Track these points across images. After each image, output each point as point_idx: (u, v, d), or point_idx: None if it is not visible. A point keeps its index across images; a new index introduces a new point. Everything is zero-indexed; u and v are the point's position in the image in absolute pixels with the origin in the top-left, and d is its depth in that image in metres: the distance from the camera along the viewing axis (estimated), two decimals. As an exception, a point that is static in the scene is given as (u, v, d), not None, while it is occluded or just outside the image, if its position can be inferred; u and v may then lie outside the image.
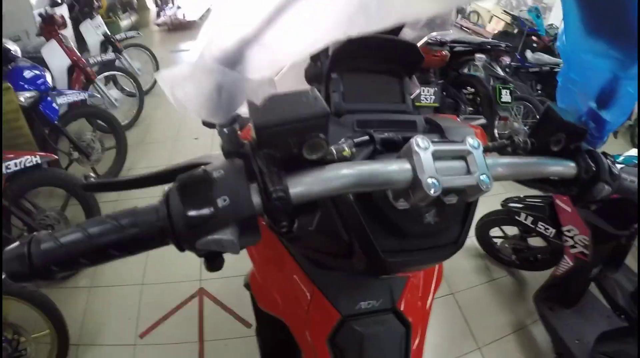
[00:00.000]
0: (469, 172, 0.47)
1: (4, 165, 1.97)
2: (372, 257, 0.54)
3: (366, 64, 0.76)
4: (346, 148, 0.46)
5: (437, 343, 1.88)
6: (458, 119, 1.00)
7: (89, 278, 2.23)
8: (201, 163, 0.44)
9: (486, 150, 0.62)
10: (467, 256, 2.34)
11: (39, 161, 2.05)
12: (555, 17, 6.68)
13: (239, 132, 0.44)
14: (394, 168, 0.44)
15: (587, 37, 0.57)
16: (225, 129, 0.43)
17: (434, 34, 1.00)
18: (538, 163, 0.57)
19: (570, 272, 1.69)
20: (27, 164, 2.02)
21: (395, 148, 0.60)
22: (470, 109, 3.27)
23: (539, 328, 1.88)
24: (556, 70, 3.88)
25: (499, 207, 2.06)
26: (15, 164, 2.00)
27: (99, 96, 3.27)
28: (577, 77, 0.61)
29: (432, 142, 0.47)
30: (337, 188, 0.42)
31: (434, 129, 0.73)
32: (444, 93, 3.31)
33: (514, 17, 5.31)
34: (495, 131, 3.51)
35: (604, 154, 0.60)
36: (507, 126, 3.52)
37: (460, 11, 7.52)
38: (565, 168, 0.58)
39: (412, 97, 1.14)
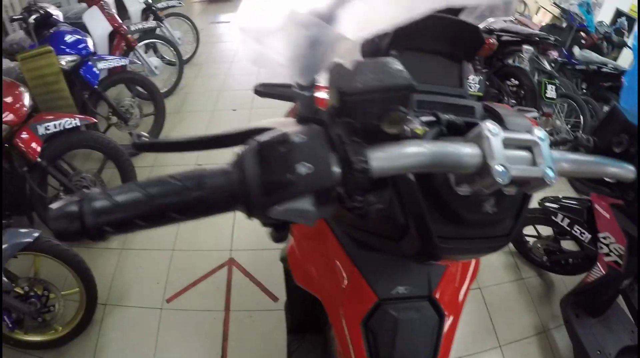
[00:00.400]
0: (534, 163, 0.45)
1: (43, 126, 2.03)
2: (426, 241, 0.52)
3: (426, 44, 0.73)
4: (419, 126, 0.45)
5: (458, 336, 1.86)
6: (513, 110, 0.97)
7: (121, 240, 2.29)
8: (269, 128, 0.42)
9: (554, 144, 0.61)
10: (498, 252, 2.30)
11: (78, 124, 2.10)
12: (605, 14, 6.35)
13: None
14: (466, 150, 0.42)
15: None
16: (305, 92, 0.41)
17: (492, 19, 0.96)
18: (599, 163, 0.55)
19: (601, 280, 1.64)
20: (67, 126, 2.08)
21: (458, 132, 0.58)
22: (514, 101, 3.17)
23: (561, 333, 1.85)
24: (604, 70, 3.71)
25: (536, 205, 2.01)
26: (55, 126, 2.05)
27: (139, 62, 3.30)
28: None
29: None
30: (413, 165, 0.40)
31: (492, 117, 0.71)
32: (488, 83, 3.21)
33: (563, 11, 5.06)
34: (536, 127, 3.40)
35: None
36: (549, 123, 3.41)
37: (507, 1, 7.22)
38: (624, 170, 0.56)
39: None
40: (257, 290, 1.99)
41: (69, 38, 2.66)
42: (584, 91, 3.99)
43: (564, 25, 4.79)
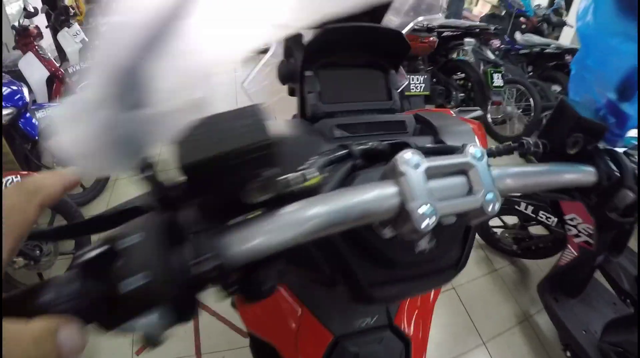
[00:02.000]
0: (471, 191, 0.39)
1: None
2: (356, 291, 0.47)
3: (346, 58, 0.68)
4: (313, 174, 0.37)
5: (440, 340, 1.82)
6: (452, 113, 0.93)
7: None
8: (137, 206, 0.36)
9: (489, 155, 0.54)
10: (467, 247, 2.29)
11: (20, 180, 1.96)
12: (542, -3, 6.61)
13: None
14: (374, 195, 0.36)
15: (618, 18, 0.49)
16: (143, 176, 0.31)
17: (421, 18, 0.93)
18: (553, 171, 0.49)
19: (575, 262, 1.63)
20: (8, 185, 1.94)
21: (383, 157, 0.53)
22: (462, 95, 3.20)
23: (544, 318, 1.82)
24: (547, 51, 3.80)
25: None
26: None
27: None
28: (595, 65, 0.53)
29: (425, 155, 0.40)
30: (298, 235, 0.33)
31: (426, 130, 0.65)
32: (434, 80, 3.24)
33: (501, -1, 5.22)
34: (489, 116, 3.45)
35: (627, 154, 0.52)
36: (500, 110, 3.46)
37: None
38: (583, 174, 0.49)
39: (400, 88, 1.07)
40: (226, 329, 1.91)
41: (2, 91, 2.50)
42: (531, 73, 4.09)
43: (503, 13, 4.92)
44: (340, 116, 0.65)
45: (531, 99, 3.17)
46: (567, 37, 5.56)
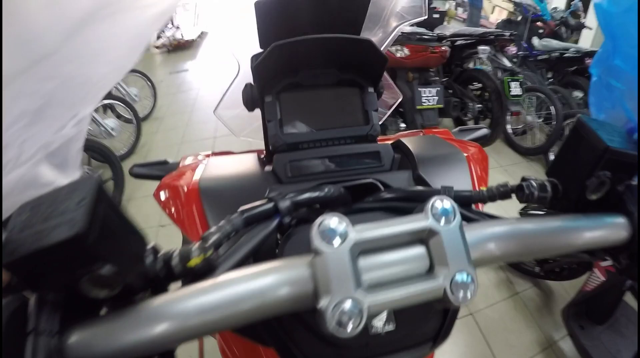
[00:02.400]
0: (431, 269, 0.30)
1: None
2: None
3: (312, 77, 0.60)
4: (196, 254, 0.30)
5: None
6: (451, 133, 0.83)
7: None
8: None
9: (477, 200, 0.43)
10: (486, 269, 2.14)
11: None
12: (558, 0, 6.40)
13: None
14: (275, 281, 0.28)
15: None
16: None
17: (406, 23, 0.85)
18: (567, 228, 0.35)
19: (602, 287, 1.48)
20: None
21: (336, 204, 0.45)
22: (479, 106, 3.08)
23: (569, 343, 1.67)
24: (566, 55, 3.65)
25: (517, 214, 1.88)
26: None
27: (90, 128, 3.20)
28: (626, 64, 0.36)
29: (387, 202, 0.32)
30: (149, 342, 0.26)
31: (405, 161, 0.56)
32: (450, 91, 3.13)
33: (516, 4, 5.05)
34: (509, 126, 3.32)
35: None
36: (520, 121, 3.32)
37: (461, 4, 7.30)
38: (611, 229, 0.36)
39: (394, 106, 0.96)
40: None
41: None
42: (551, 80, 3.93)
43: (519, 18, 4.78)
44: (306, 147, 0.57)
45: (552, 107, 3.02)
46: (586, 40, 5.38)
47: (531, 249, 0.35)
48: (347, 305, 0.26)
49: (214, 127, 3.81)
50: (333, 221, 0.28)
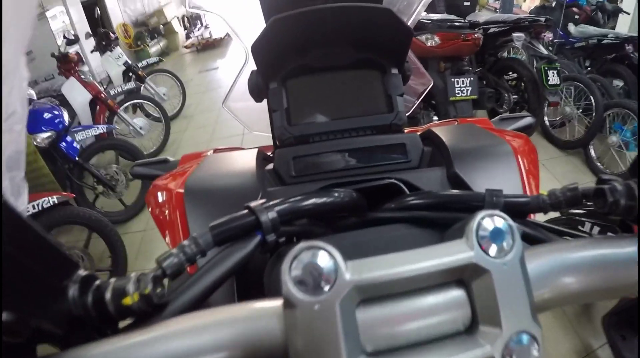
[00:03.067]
0: (473, 326, 0.21)
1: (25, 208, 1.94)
2: None
3: (323, 57, 0.51)
4: (132, 289, 0.22)
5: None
6: (491, 122, 0.73)
7: None
8: None
9: (537, 210, 0.32)
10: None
11: (55, 201, 2.07)
12: (595, -16, 6.14)
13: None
14: (220, 337, 0.20)
15: None
16: None
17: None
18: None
19: (647, 295, 1.37)
20: (44, 206, 2.05)
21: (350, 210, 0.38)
22: (515, 97, 2.94)
23: (608, 351, 1.55)
24: (605, 42, 3.45)
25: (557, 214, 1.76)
26: (33, 207, 2.04)
27: (118, 127, 3.29)
28: None
29: (412, 211, 0.28)
30: None
31: (438, 156, 0.47)
32: (484, 82, 3.00)
33: (550, -10, 4.88)
34: (546, 118, 3.17)
35: None
36: (557, 112, 3.17)
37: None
38: None
39: (423, 93, 0.86)
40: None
41: (43, 116, 2.63)
42: (589, 68, 3.75)
43: (554, 4, 4.59)
44: (318, 140, 0.49)
45: (591, 98, 2.86)
46: (624, 25, 5.12)
47: (624, 283, 0.25)
48: None
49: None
50: (316, 256, 0.19)
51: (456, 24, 2.64)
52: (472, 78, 2.52)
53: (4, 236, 0.18)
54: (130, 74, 4.09)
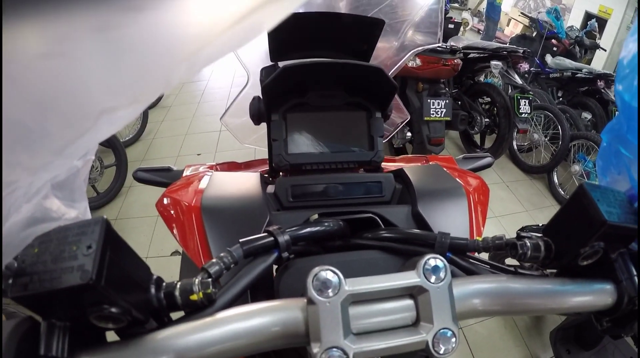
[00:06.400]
0: (417, 322, 0.31)
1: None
2: None
3: (320, 98, 0.61)
4: (197, 289, 0.32)
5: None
6: (455, 161, 0.83)
7: None
8: None
9: (472, 250, 0.43)
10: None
11: None
12: (575, 19, 6.38)
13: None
14: (270, 322, 0.30)
15: None
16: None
17: (419, 49, 0.85)
18: (554, 291, 0.37)
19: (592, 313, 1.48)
20: None
21: (334, 237, 0.46)
22: (487, 120, 3.07)
23: None
24: (579, 75, 3.63)
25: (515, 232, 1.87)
26: None
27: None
28: (636, 140, 0.37)
29: (385, 243, 0.33)
30: None
31: (405, 194, 0.57)
32: (459, 103, 3.12)
33: (532, 20, 5.06)
34: (514, 143, 3.31)
35: None
36: (526, 138, 3.32)
37: (477, 14, 7.28)
38: (597, 295, 0.37)
39: (400, 126, 0.96)
40: None
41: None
42: (561, 99, 3.93)
43: (534, 34, 4.77)
44: (309, 168, 0.58)
45: (559, 127, 3.01)
46: (600, 61, 5.36)
47: (516, 308, 0.36)
48: (335, 353, 0.28)
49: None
50: (328, 274, 0.30)
51: (438, 48, 2.74)
52: (447, 101, 2.63)
53: (109, 250, 0.25)
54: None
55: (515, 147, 3.35)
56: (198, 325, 0.29)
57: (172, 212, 0.55)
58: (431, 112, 2.58)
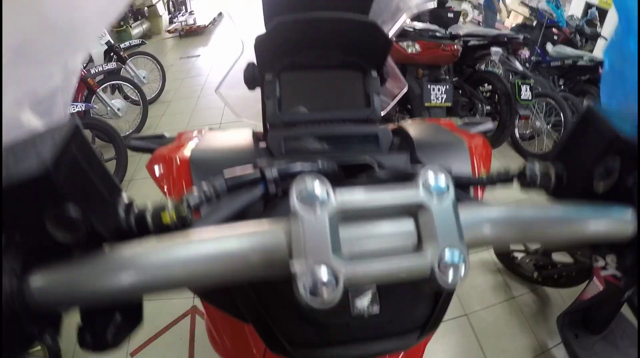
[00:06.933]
0: (419, 245, 0.27)
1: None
2: (276, 348, 0.38)
3: (314, 57, 0.59)
4: (170, 209, 0.29)
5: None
6: (456, 124, 0.81)
7: None
8: None
9: (475, 183, 0.41)
10: (484, 271, 2.13)
11: None
12: (575, 8, 6.34)
13: None
14: (242, 241, 0.26)
15: None
16: None
17: (415, 5, 0.83)
18: (569, 217, 0.32)
19: (600, 297, 1.45)
20: None
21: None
22: (488, 107, 3.04)
23: (563, 351, 1.63)
24: (580, 63, 3.59)
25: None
26: None
27: (96, 107, 3.22)
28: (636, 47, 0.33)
29: (379, 181, 0.30)
30: (114, 291, 0.25)
31: (404, 145, 0.55)
32: (460, 91, 3.09)
33: (532, 9, 5.02)
34: (517, 131, 3.28)
35: None
36: (528, 125, 3.28)
37: (477, 7, 7.24)
38: (617, 222, 0.32)
39: (399, 96, 0.94)
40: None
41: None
42: (562, 87, 3.89)
43: (535, 24, 4.73)
44: (303, 126, 0.56)
45: (561, 114, 2.98)
46: (601, 50, 5.32)
47: (529, 236, 0.32)
48: (322, 271, 0.23)
49: (220, 114, 3.82)
50: (314, 183, 0.26)
51: (437, 34, 2.72)
52: (447, 86, 2.60)
53: (74, 147, 0.24)
54: (112, 54, 4.03)
55: (518, 135, 3.32)
56: (166, 242, 0.26)
57: (162, 169, 0.53)
58: (432, 98, 2.56)
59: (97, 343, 0.29)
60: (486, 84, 3.15)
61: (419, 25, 2.89)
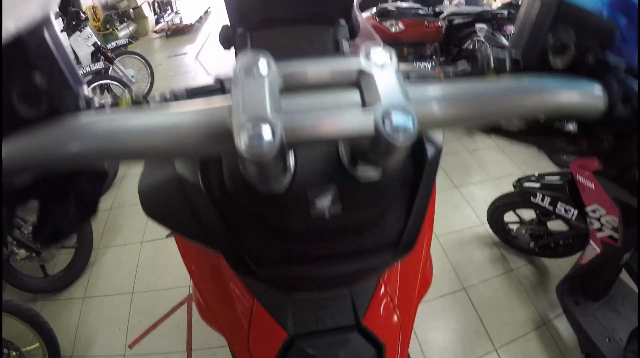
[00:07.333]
0: (363, 107, 0.27)
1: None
2: (239, 267, 0.36)
3: (283, 11, 0.60)
4: (128, 96, 0.32)
5: (446, 346, 1.67)
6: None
7: (83, 288, 2.19)
8: None
9: (429, 75, 0.40)
10: (480, 245, 2.12)
11: None
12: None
13: None
14: (188, 115, 0.27)
15: None
16: None
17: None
18: (534, 89, 0.30)
19: (598, 260, 1.43)
20: None
21: None
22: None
23: (564, 322, 1.63)
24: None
25: (512, 189, 1.83)
26: None
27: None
28: None
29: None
30: (74, 155, 0.26)
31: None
32: (445, 71, 3.07)
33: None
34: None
35: None
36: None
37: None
38: (584, 93, 0.30)
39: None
40: (218, 326, 1.84)
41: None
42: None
43: (520, 2, 4.71)
44: None
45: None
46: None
47: (486, 111, 0.29)
48: (260, 124, 0.23)
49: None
50: (255, 54, 0.27)
51: (420, 11, 2.70)
52: (433, 63, 2.59)
53: (45, 31, 0.26)
54: (99, 55, 4.03)
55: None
56: (120, 114, 0.27)
57: None
58: (418, 76, 2.54)
59: (52, 234, 0.30)
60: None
61: (402, 4, 2.88)
